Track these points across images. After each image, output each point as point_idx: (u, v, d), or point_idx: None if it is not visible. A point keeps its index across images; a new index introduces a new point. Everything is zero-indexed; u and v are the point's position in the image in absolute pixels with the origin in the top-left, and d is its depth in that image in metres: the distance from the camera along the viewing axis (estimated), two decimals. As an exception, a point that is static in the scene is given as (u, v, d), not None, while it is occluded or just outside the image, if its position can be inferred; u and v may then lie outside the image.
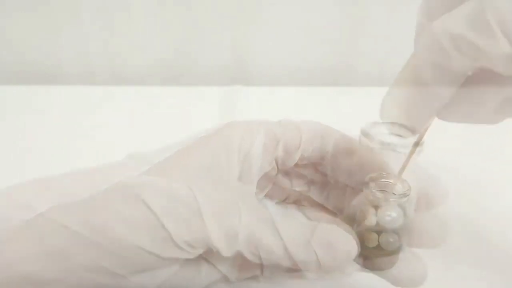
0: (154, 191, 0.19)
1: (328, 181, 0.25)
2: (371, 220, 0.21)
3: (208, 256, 0.22)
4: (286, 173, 0.25)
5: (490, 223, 0.31)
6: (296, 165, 0.24)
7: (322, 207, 0.25)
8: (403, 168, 0.21)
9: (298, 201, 0.26)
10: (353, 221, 0.21)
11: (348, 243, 0.20)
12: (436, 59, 0.17)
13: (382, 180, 0.21)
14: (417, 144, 0.20)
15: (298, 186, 0.25)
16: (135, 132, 0.43)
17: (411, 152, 0.20)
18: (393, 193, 0.21)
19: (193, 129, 0.26)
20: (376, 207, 0.21)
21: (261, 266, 0.23)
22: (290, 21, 0.53)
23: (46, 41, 0.54)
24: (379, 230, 0.21)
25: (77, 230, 0.18)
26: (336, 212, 0.25)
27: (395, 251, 0.21)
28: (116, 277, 0.19)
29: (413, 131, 0.19)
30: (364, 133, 0.20)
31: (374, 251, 0.21)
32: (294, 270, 0.21)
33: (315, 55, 0.56)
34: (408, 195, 0.21)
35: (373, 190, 0.20)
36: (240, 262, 0.23)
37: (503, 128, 0.21)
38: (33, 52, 0.55)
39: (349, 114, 0.19)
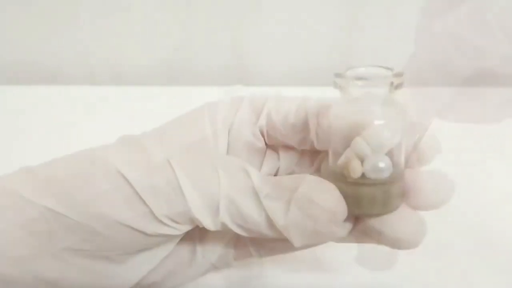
0: (133, 166, 0.19)
1: (317, 152, 0.24)
2: (356, 171, 0.18)
3: (202, 239, 0.22)
4: (274, 147, 0.24)
5: (490, 222, 0.31)
6: (284, 137, 0.23)
7: None
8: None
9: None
10: (339, 180, 0.19)
11: (331, 199, 0.18)
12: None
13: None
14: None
15: (288, 159, 0.24)
16: (135, 132, 0.43)
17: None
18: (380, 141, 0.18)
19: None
20: (362, 159, 0.19)
21: (256, 245, 0.23)
22: (290, 21, 0.53)
23: (46, 41, 0.54)
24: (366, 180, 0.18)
25: (59, 211, 0.18)
26: None
27: (388, 182, 0.19)
28: (106, 261, 0.19)
29: (389, 68, 0.18)
30: (338, 75, 0.19)
31: (362, 187, 0.19)
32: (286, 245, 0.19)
33: (315, 55, 0.56)
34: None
35: (359, 140, 0.19)
36: (235, 241, 0.23)
37: (503, 128, 0.21)
38: (33, 52, 0.55)
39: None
